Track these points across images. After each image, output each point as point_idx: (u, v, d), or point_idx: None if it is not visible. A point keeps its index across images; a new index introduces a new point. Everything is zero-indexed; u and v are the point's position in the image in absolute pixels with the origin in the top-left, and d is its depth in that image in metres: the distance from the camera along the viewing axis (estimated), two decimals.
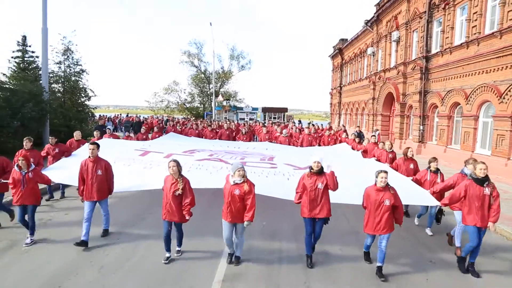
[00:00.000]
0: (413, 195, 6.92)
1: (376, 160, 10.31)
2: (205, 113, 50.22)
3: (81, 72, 20.94)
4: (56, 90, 20.18)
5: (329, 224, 6.23)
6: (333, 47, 43.62)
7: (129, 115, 39.07)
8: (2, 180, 7.01)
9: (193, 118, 40.14)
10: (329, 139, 15.98)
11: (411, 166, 8.83)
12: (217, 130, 17.61)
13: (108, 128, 13.30)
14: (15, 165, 6.63)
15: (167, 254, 6.03)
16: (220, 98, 47.99)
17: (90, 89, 21.33)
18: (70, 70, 20.69)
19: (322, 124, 27.97)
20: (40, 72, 22.35)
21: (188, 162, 8.19)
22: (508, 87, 13.15)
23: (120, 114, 29.57)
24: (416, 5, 21.16)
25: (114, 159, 7.83)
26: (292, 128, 20.82)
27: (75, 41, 44.30)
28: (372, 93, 28.33)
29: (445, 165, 15.27)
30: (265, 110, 50.78)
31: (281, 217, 8.40)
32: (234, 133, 17.68)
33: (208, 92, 54.14)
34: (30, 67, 26.25)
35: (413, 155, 9.10)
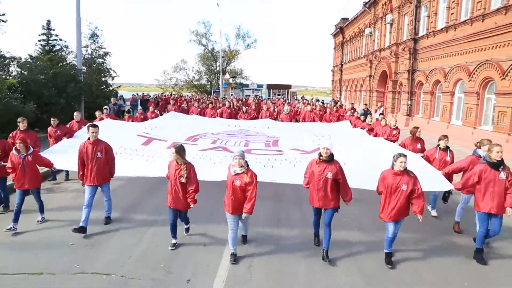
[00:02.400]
0: (427, 178, 6.18)
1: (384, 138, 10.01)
2: (212, 90, 52.53)
3: (105, 54, 23.44)
4: (84, 71, 22.74)
5: (339, 212, 5.81)
6: (335, 25, 45.38)
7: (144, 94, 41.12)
8: (2, 163, 6.88)
9: (196, 95, 41.04)
10: (330, 117, 15.81)
11: (418, 146, 8.67)
12: (219, 107, 17.53)
13: (106, 108, 12.34)
14: (13, 148, 6.52)
15: (174, 241, 5.98)
16: (227, 76, 50.20)
17: (113, 70, 23.90)
18: (96, 53, 23.17)
19: (323, 101, 30.22)
20: (63, 53, 24.96)
21: (191, 152, 7.75)
22: (475, 67, 15.54)
23: (137, 94, 30.77)
24: None
25: (116, 150, 7.52)
26: (298, 106, 19.92)
27: (100, 26, 46.17)
28: (369, 71, 30.56)
29: (428, 135, 17.80)
30: (269, 87, 52.97)
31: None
32: (235, 111, 17.56)
33: (215, 70, 56.30)
34: (54, 49, 28.85)
35: (420, 134, 8.95)
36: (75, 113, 10.51)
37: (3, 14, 19.42)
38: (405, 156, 5.27)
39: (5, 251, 5.69)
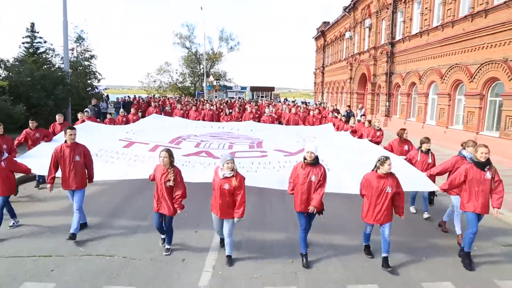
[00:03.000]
0: (411, 179, 6.40)
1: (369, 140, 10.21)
2: (196, 93, 52.98)
3: (90, 57, 23.73)
4: (70, 73, 23.01)
5: (323, 215, 5.83)
6: (317, 29, 46.42)
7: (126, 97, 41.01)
8: None
9: (179, 97, 40.50)
10: (314, 119, 15.63)
11: (406, 147, 8.67)
12: (202, 110, 17.40)
13: (86, 111, 12.22)
14: None
15: (163, 235, 6.01)
16: (211, 78, 50.72)
17: (99, 73, 24.19)
18: (82, 55, 23.44)
19: (308, 102, 31.03)
20: (47, 56, 25.12)
21: (175, 157, 7.36)
22: (447, 70, 16.55)
23: (127, 96, 29.83)
24: None
25: (96, 152, 7.53)
26: (283, 108, 19.58)
27: (86, 29, 45.92)
28: (349, 73, 31.54)
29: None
30: (253, 89, 53.86)
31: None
32: (218, 113, 17.69)
33: (199, 73, 56.79)
34: (38, 51, 28.93)
35: (407, 136, 8.98)
36: (57, 115, 10.37)
37: None
38: (389, 158, 5.38)
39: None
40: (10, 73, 16.50)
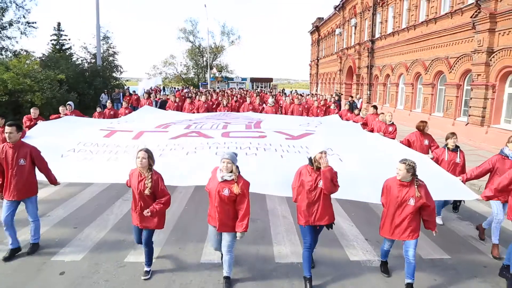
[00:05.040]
0: (442, 185, 5.33)
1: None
2: (200, 84, 56.83)
3: (114, 53, 27.73)
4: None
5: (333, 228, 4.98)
6: (312, 24, 50.17)
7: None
8: None
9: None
10: (318, 110, 14.58)
11: (426, 142, 7.64)
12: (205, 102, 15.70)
13: (69, 104, 11.10)
14: None
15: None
16: (214, 70, 54.57)
17: (121, 66, 28.19)
18: (108, 52, 27.41)
19: (302, 94, 34.96)
20: (71, 52, 29.15)
21: (161, 141, 6.91)
22: (410, 64, 20.56)
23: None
24: (367, 0, 28.06)
25: (73, 147, 6.66)
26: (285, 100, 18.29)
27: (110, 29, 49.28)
28: (339, 66, 35.45)
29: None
30: (253, 80, 57.74)
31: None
32: (213, 105, 16.27)
33: (202, 65, 60.55)
34: (63, 48, 33.08)
35: (428, 130, 7.89)
36: (32, 109, 9.51)
37: (35, 22, 23.55)
38: (404, 162, 4.36)
39: None
40: (67, 68, 20.39)
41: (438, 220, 6.48)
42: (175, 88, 42.13)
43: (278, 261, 5.41)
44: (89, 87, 20.40)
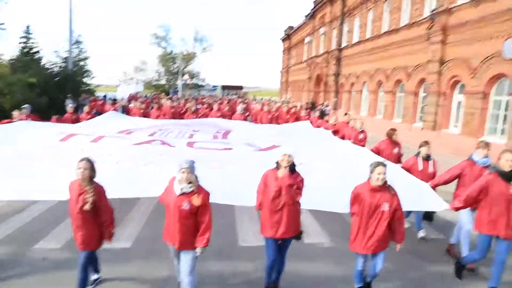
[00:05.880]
0: (413, 195, 5.01)
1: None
2: (171, 91, 56.84)
3: (85, 58, 27.71)
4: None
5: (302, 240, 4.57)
6: (284, 31, 51.51)
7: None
8: None
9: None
10: (287, 116, 14.19)
11: (395, 150, 7.49)
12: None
13: (25, 107, 10.16)
14: None
15: (94, 276, 4.67)
16: (185, 77, 54.86)
17: (91, 71, 28.17)
18: (79, 56, 27.37)
19: (274, 101, 35.73)
20: (38, 56, 28.85)
21: (121, 147, 6.50)
22: (373, 73, 21.78)
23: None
24: (335, 10, 29.36)
25: (19, 152, 5.90)
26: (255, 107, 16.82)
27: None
28: (308, 73, 36.67)
29: None
30: (224, 87, 58.48)
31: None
32: (181, 111, 14.99)
33: (174, 71, 60.63)
34: (31, 51, 32.66)
35: (397, 138, 7.70)
36: (14, 112, 9.25)
37: (3, 23, 23.31)
38: (384, 165, 4.16)
39: None
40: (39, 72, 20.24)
41: (422, 233, 6.39)
42: (145, 95, 42.15)
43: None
44: (60, 91, 20.38)
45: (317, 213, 6.47)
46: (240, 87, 59.25)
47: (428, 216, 6.40)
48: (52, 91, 19.94)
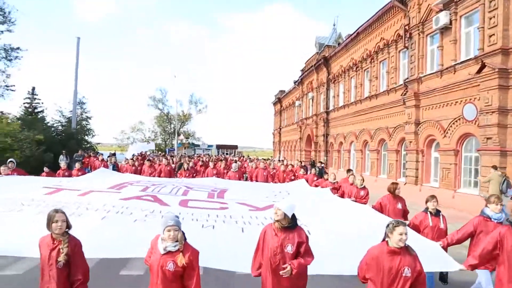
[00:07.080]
0: (424, 255, 4.16)
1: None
2: (167, 149, 58.34)
3: (88, 118, 29.29)
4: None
5: None
6: (275, 96, 54.32)
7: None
8: None
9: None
10: (284, 175, 14.17)
11: (399, 205, 7.24)
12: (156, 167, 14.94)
13: (11, 161, 10.21)
14: None
15: None
16: (181, 136, 56.64)
17: (93, 130, 29.62)
18: (82, 116, 28.93)
19: (270, 158, 37.22)
20: (42, 114, 30.41)
21: (108, 202, 6.13)
22: (359, 133, 23.39)
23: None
24: (322, 77, 31.81)
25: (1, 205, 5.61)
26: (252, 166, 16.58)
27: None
28: (299, 134, 38.48)
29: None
30: (219, 147, 60.16)
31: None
32: (175, 169, 15.36)
33: (170, 131, 62.63)
34: (35, 110, 34.42)
35: (399, 192, 7.41)
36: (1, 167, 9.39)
37: (13, 85, 25.10)
38: (405, 224, 3.72)
39: None
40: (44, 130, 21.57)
41: None
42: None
43: None
44: (63, 148, 21.57)
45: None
46: (235, 147, 60.96)
47: (441, 277, 6.09)
48: (55, 148, 21.11)
